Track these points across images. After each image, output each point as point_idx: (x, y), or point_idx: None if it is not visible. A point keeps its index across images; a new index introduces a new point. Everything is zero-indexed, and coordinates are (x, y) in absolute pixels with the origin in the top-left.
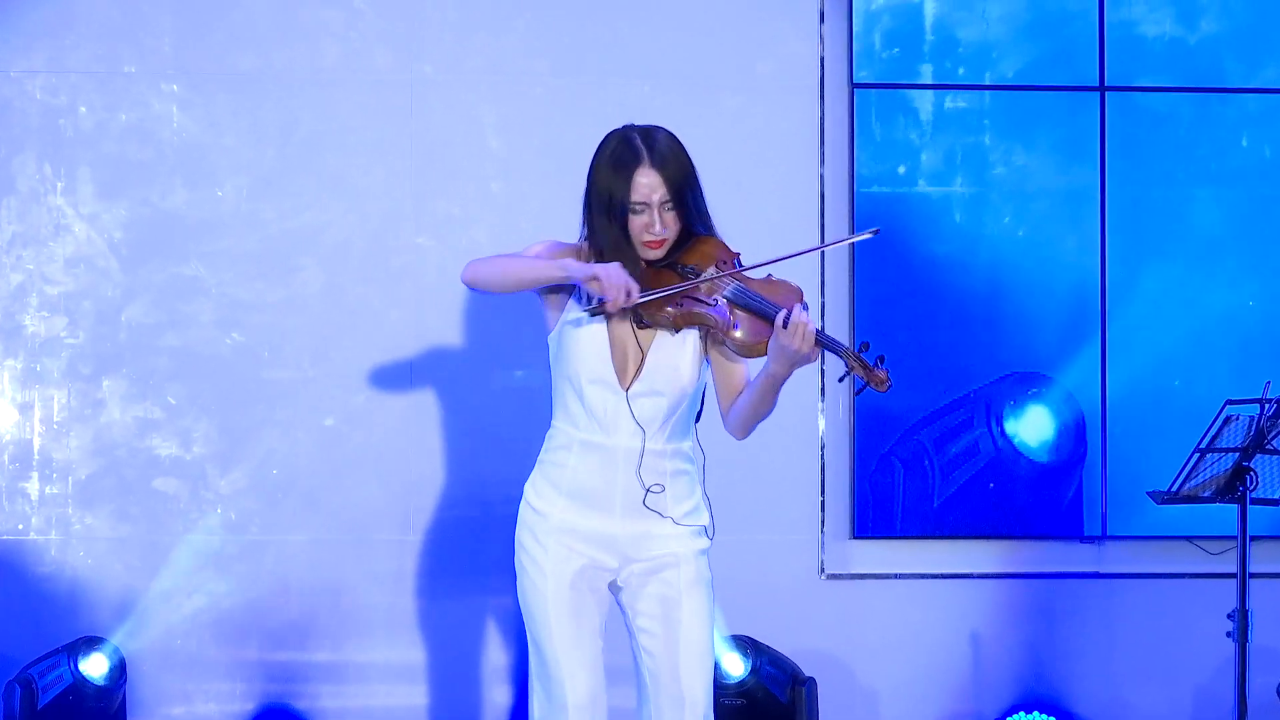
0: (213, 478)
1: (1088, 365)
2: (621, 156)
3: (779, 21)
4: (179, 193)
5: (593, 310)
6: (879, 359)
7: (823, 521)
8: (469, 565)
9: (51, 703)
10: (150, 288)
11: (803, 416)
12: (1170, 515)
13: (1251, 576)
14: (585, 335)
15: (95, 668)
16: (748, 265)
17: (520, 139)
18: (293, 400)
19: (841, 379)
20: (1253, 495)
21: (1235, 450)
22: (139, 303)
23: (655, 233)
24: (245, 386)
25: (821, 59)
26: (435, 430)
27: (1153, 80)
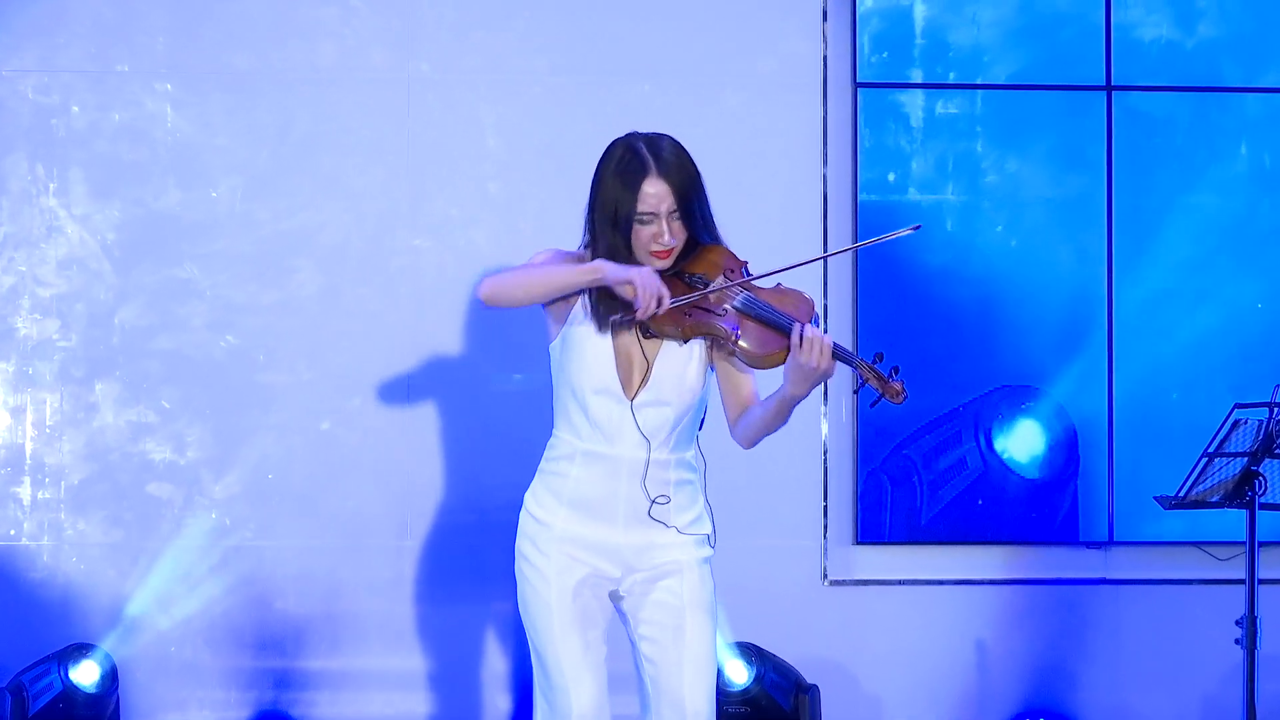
0: (207, 482)
1: (1081, 377)
2: (628, 167)
3: (781, 20)
4: (173, 193)
5: (621, 319)
6: (894, 370)
7: (825, 527)
8: (467, 571)
9: (42, 711)
10: (143, 290)
11: (805, 421)
12: (1178, 520)
13: (1260, 583)
14: (590, 345)
15: (86, 675)
16: (758, 275)
17: (519, 139)
18: (288, 404)
19: (856, 391)
20: (1261, 500)
21: (1244, 454)
22: (132, 305)
23: (663, 242)
24: (240, 390)
25: (824, 58)
26: (433, 434)
27: (1156, 72)
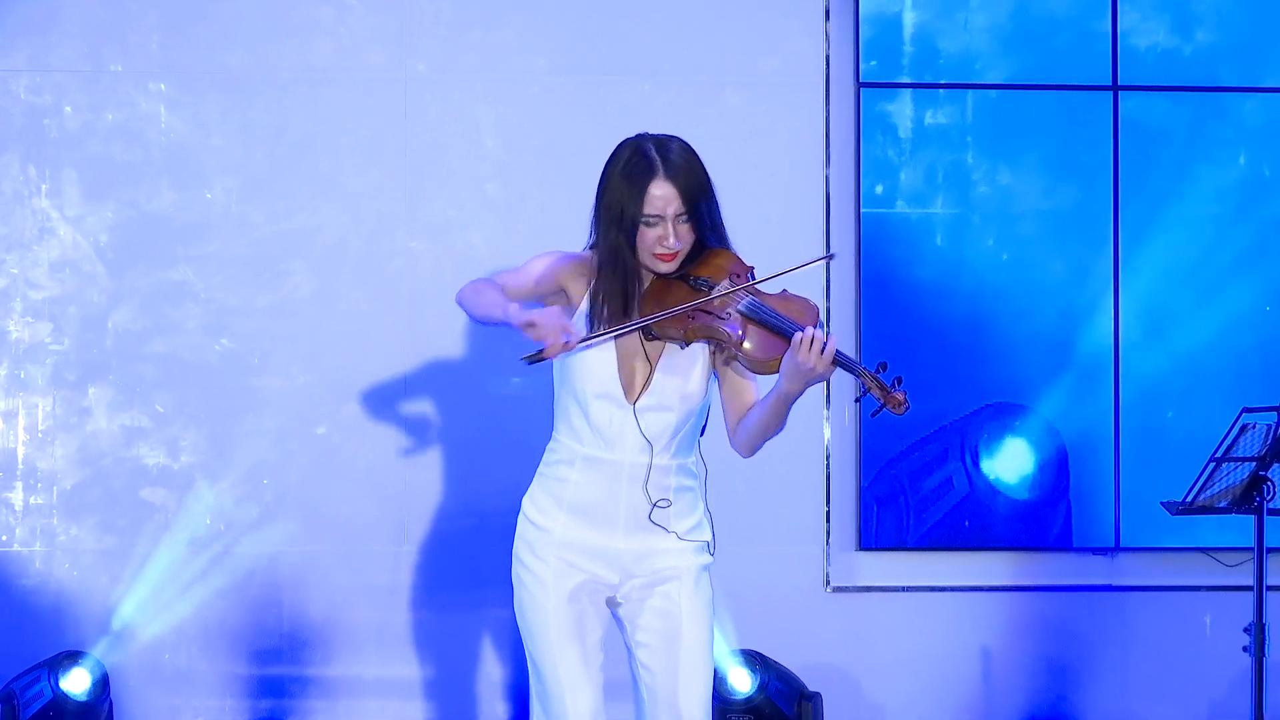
0: (201, 488)
1: (1074, 393)
2: (635, 168)
3: (783, 19)
4: (166, 195)
5: (530, 358)
6: (896, 380)
7: (828, 533)
8: (465, 577)
9: (31, 719)
10: (137, 292)
11: (808, 425)
12: (1185, 526)
13: (1269, 589)
14: (592, 349)
15: (76, 684)
16: (762, 279)
17: (517, 139)
18: (283, 408)
19: (858, 399)
20: (1270, 505)
21: (1252, 459)
22: (125, 308)
23: (668, 245)
24: (234, 394)
25: (827, 57)
26: (430, 439)
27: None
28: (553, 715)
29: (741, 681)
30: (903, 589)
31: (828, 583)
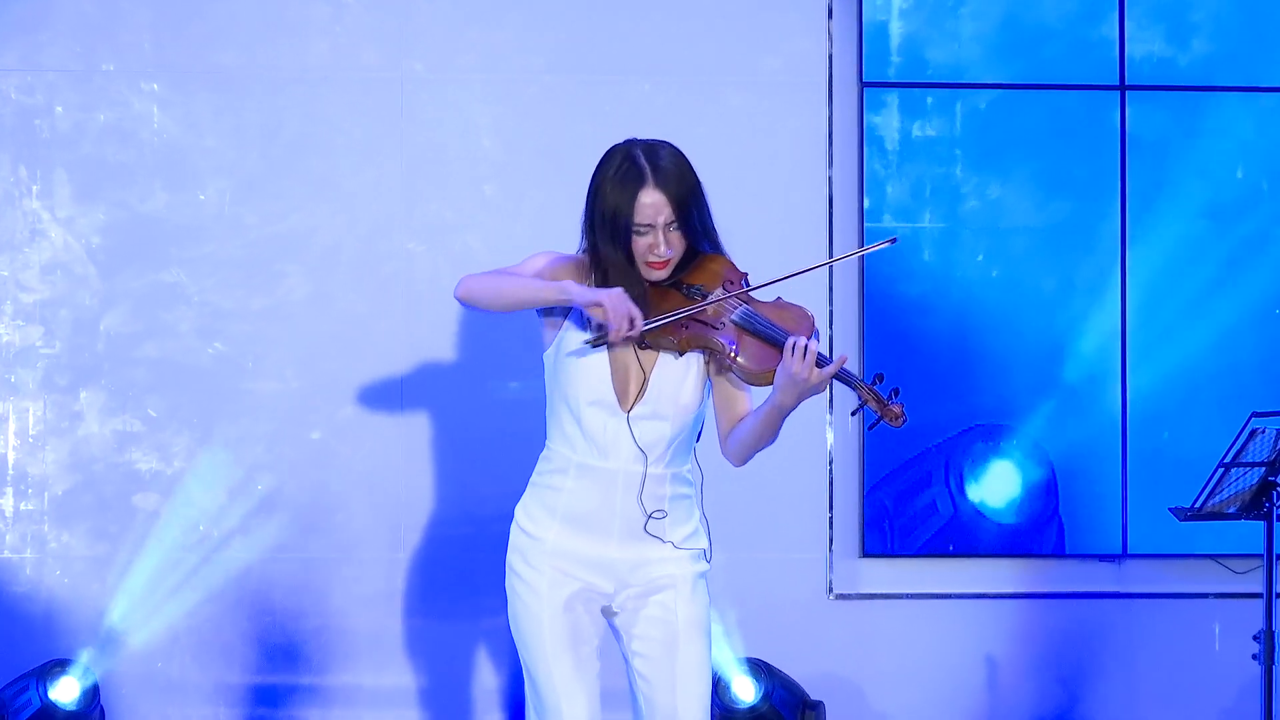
0: (195, 494)
1: (1064, 413)
2: (625, 176)
3: (785, 16)
4: (159, 196)
5: (595, 340)
6: (893, 392)
7: (831, 539)
8: (461, 585)
9: None
10: (129, 295)
11: (810, 430)
12: (1193, 532)
13: (1278, 596)
14: (585, 356)
15: (65, 693)
16: (756, 285)
17: (515, 139)
18: (277, 413)
19: (854, 413)
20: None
21: (1261, 465)
22: (117, 311)
23: (659, 254)
24: (228, 398)
25: (830, 56)
26: (426, 444)
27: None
28: None
29: (745, 691)
30: (907, 596)
31: (830, 590)
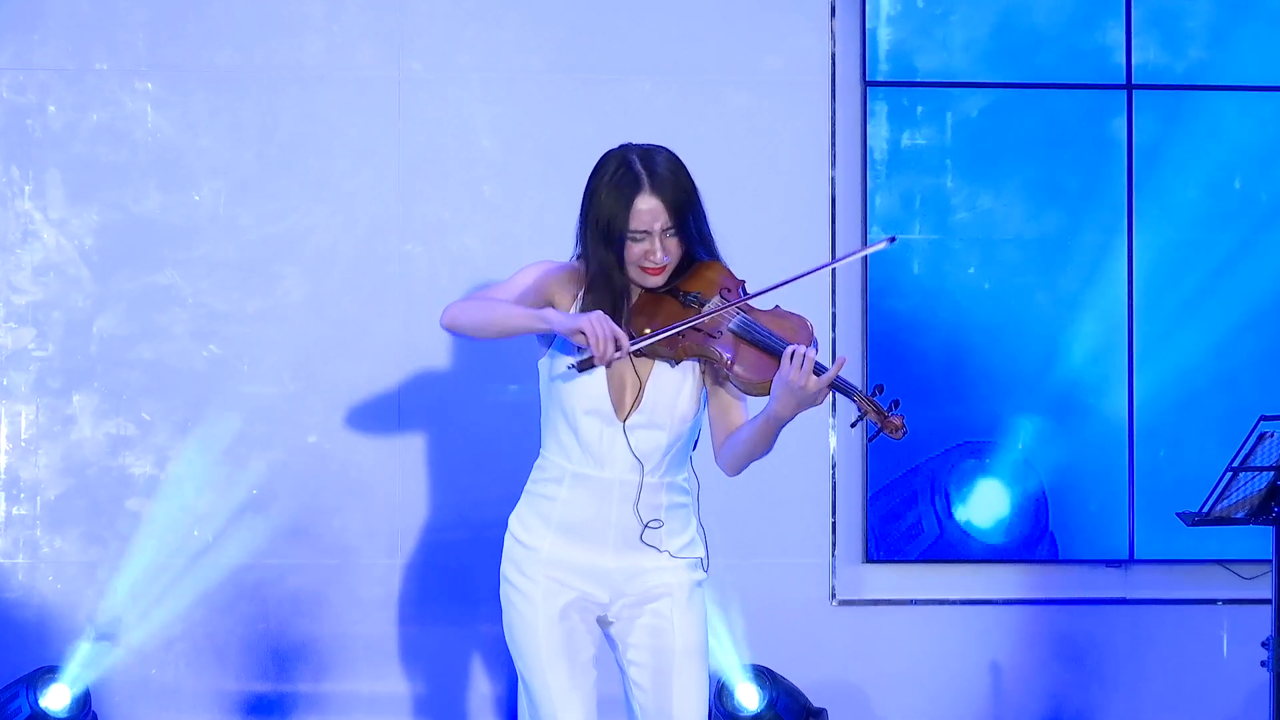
0: (189, 498)
1: (1057, 430)
2: (620, 182)
3: (788, 14)
4: (153, 197)
5: (580, 365)
6: (893, 403)
7: (834, 544)
8: (458, 591)
9: None
10: (123, 297)
11: (813, 434)
12: (1201, 538)
13: None
14: (571, 379)
15: (56, 700)
16: (754, 294)
17: (514, 139)
18: (273, 417)
19: (854, 424)
20: None
21: (1270, 469)
22: (111, 313)
23: (655, 261)
24: (223, 402)
25: (833, 55)
26: (424, 448)
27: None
28: None
29: (749, 698)
30: (911, 602)
31: (833, 595)
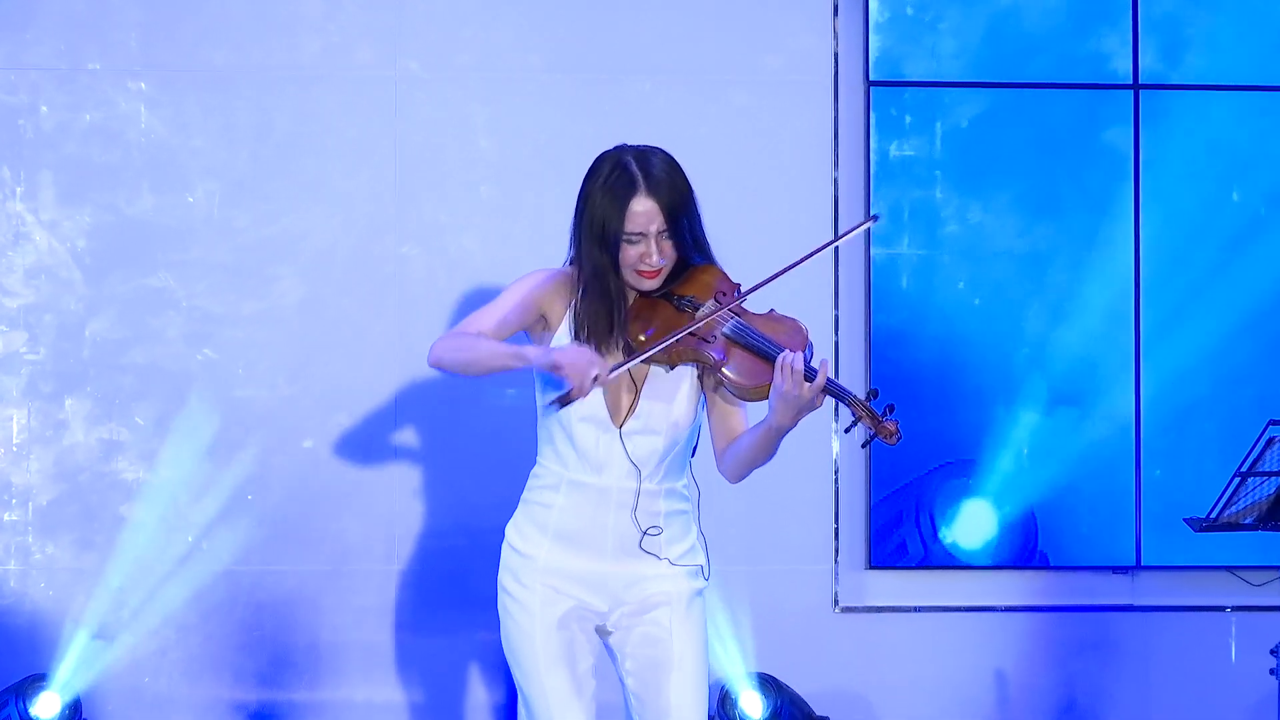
0: (183, 504)
1: (1049, 446)
2: (616, 183)
3: (790, 14)
4: (147, 198)
5: (560, 400)
6: (888, 408)
7: (837, 550)
8: (456, 598)
9: None
10: (116, 300)
11: (816, 439)
12: (1209, 544)
13: None
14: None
15: (46, 709)
16: (745, 291)
17: (512, 140)
18: (268, 421)
19: (848, 429)
20: None
21: (1279, 474)
22: (104, 316)
23: (651, 263)
24: (218, 406)
25: (836, 54)
26: (421, 452)
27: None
28: None
29: (753, 707)
30: (914, 609)
31: (836, 602)
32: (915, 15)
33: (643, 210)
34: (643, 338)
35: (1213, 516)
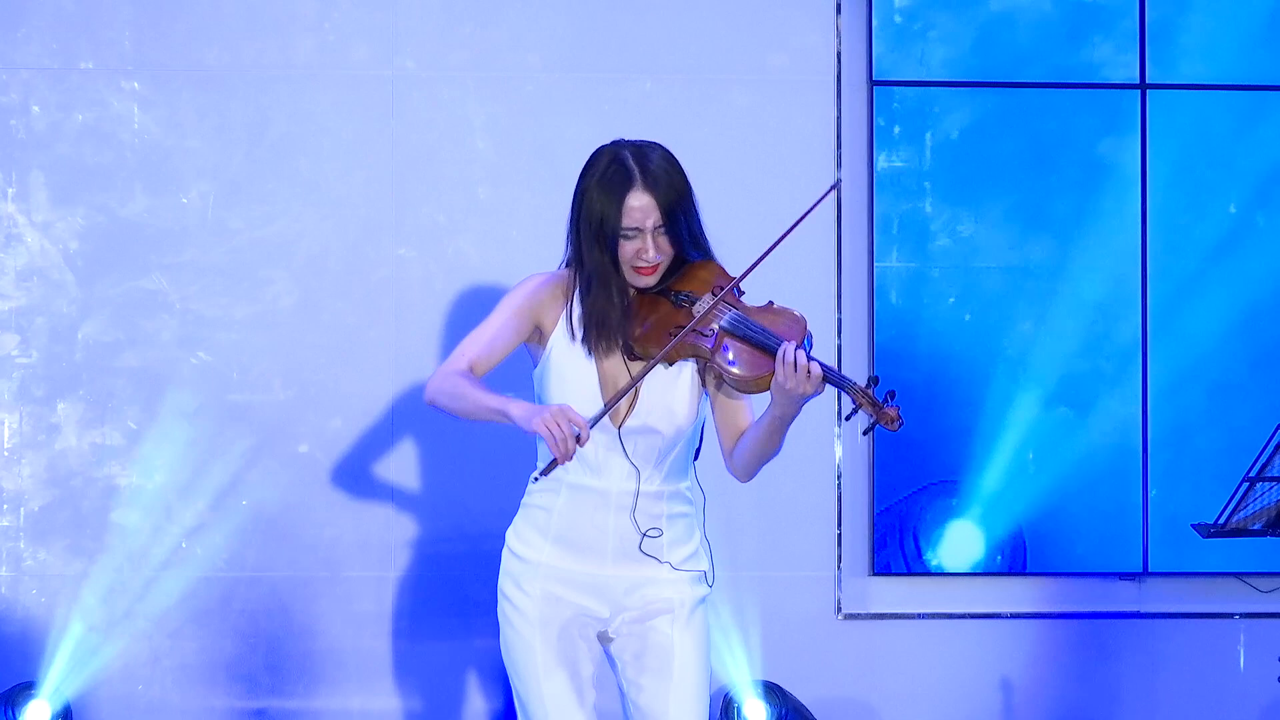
0: (176, 509)
1: (1041, 462)
2: (612, 178)
3: (792, 12)
4: (140, 199)
5: (545, 472)
6: (889, 395)
7: (839, 557)
8: (452, 605)
9: None
10: (108, 303)
11: (818, 444)
12: (1217, 550)
13: None
14: (572, 370)
15: (35, 717)
16: (737, 277)
17: (510, 140)
18: (263, 425)
19: (849, 417)
20: None
21: None
22: (96, 319)
23: (647, 259)
24: (211, 410)
25: (838, 53)
26: (417, 457)
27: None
28: None
29: (756, 715)
30: (918, 616)
31: (839, 610)
32: (904, 23)
33: (639, 205)
34: (637, 347)
35: (1221, 522)
